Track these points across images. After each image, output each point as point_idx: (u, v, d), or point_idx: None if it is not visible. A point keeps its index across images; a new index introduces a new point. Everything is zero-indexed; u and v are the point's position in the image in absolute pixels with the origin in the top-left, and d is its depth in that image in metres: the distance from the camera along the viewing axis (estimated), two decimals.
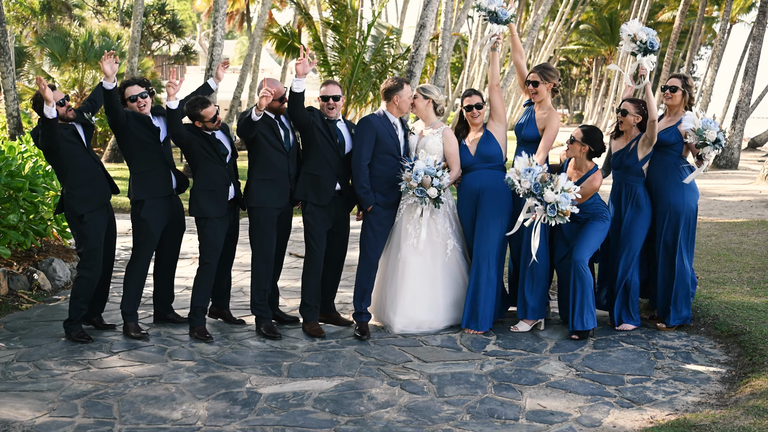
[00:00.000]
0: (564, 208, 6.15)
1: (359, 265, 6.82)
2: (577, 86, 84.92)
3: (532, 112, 6.92)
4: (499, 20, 6.83)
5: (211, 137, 6.49)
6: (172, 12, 44.58)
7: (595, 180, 6.55)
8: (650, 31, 6.54)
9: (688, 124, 6.51)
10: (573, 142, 6.59)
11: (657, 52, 6.58)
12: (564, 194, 6.15)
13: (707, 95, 35.42)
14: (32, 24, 38.40)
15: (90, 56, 24.38)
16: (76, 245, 6.64)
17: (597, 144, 6.56)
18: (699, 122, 6.45)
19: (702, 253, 9.54)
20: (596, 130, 6.61)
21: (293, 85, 6.34)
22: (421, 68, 18.09)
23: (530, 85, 6.86)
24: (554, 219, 6.20)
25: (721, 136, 6.45)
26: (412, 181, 6.49)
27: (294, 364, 5.96)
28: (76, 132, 6.43)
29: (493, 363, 6.03)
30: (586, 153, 6.58)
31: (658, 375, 5.79)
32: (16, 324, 6.99)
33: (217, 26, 18.73)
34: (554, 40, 48.81)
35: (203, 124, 6.46)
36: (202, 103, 6.46)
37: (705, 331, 6.74)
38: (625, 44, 6.61)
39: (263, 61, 44.52)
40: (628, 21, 6.66)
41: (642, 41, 6.49)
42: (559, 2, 52.08)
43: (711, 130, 6.40)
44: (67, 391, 5.40)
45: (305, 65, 6.36)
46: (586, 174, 6.59)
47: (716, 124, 6.48)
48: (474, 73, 41.73)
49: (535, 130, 6.85)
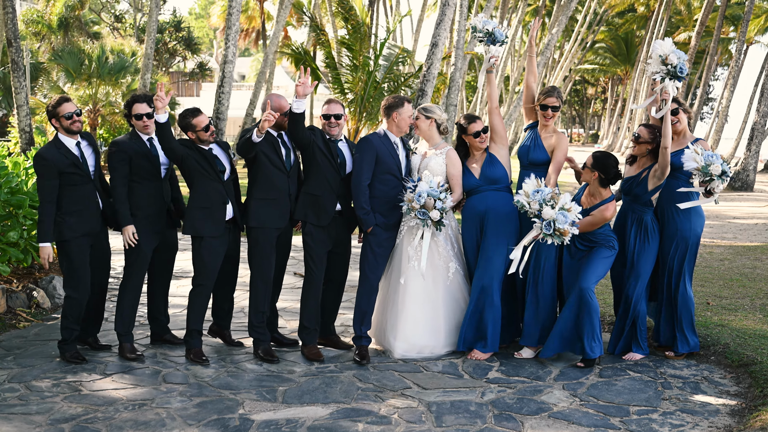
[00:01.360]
0: (561, 227, 5.98)
1: (359, 288, 6.67)
2: (592, 106, 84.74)
3: (538, 135, 6.78)
4: (496, 41, 6.70)
5: (207, 153, 6.36)
6: (188, 29, 44.87)
7: (607, 210, 6.35)
8: (683, 55, 6.27)
9: (690, 164, 6.24)
10: (584, 168, 6.43)
11: (684, 79, 6.35)
12: (562, 212, 5.99)
13: (723, 116, 35.11)
14: (50, 40, 38.76)
15: (104, 72, 24.51)
16: (59, 264, 6.51)
17: (609, 171, 6.34)
18: (701, 159, 6.21)
19: (714, 278, 9.34)
20: (609, 157, 6.41)
21: (293, 106, 6.23)
22: (433, 87, 18.01)
23: (549, 109, 6.73)
24: (551, 237, 6.03)
25: (726, 167, 6.24)
26: (414, 202, 6.34)
27: (290, 389, 5.81)
28: (76, 163, 6.23)
29: (494, 391, 5.86)
30: (597, 180, 6.39)
31: (665, 406, 5.59)
32: (12, 343, 6.88)
33: (230, 43, 18.75)
34: (570, 59, 48.74)
35: (196, 135, 6.32)
36: (192, 112, 6.35)
37: (715, 359, 6.54)
38: (653, 64, 6.33)
39: (277, 79, 44.68)
40: (657, 38, 6.38)
41: (673, 65, 6.26)
42: (574, 22, 52.08)
43: (715, 164, 6.18)
44: (56, 414, 5.28)
45: (306, 87, 6.25)
46: (599, 202, 6.40)
47: (717, 156, 6.24)
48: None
49: (544, 153, 6.71)
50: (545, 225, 6.03)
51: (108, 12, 45.53)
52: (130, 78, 25.95)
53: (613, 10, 54.02)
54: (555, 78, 48.80)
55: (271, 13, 46.01)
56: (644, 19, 55.08)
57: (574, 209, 6.07)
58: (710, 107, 70.47)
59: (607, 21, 57.78)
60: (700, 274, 9.54)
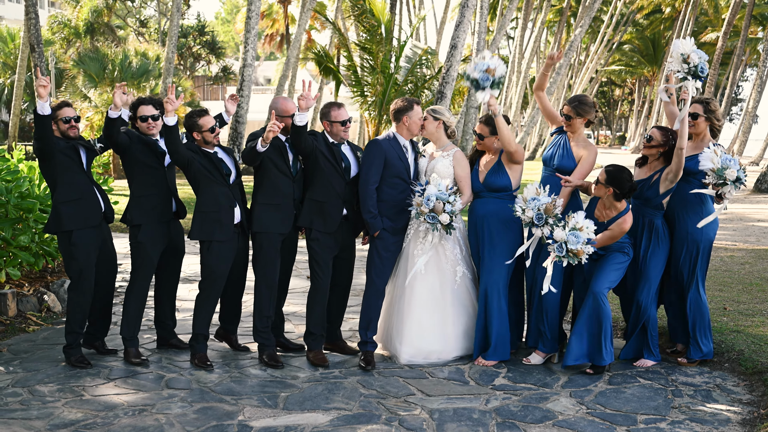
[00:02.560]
0: (574, 248, 5.86)
1: (365, 293, 6.60)
2: (619, 108, 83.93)
3: (567, 142, 6.61)
4: (480, 87, 6.26)
5: (213, 156, 6.32)
6: (212, 33, 45.13)
7: (625, 222, 6.16)
8: (703, 55, 6.10)
9: (706, 164, 6.10)
10: (597, 184, 6.21)
11: (704, 79, 6.21)
12: (573, 233, 5.86)
13: (750, 117, 34.58)
14: (76, 45, 39.17)
15: (127, 77, 24.68)
16: (65, 266, 6.52)
17: (623, 186, 6.10)
18: (718, 161, 6.05)
19: (733, 282, 9.13)
20: (622, 172, 6.13)
21: (296, 119, 6.12)
22: (452, 89, 17.94)
23: (563, 117, 6.60)
24: (564, 259, 5.92)
25: (742, 173, 6.07)
26: (423, 206, 6.25)
27: (291, 396, 5.74)
28: (76, 150, 6.31)
29: (499, 398, 5.74)
30: (612, 195, 6.18)
31: (674, 415, 5.44)
32: (20, 347, 6.90)
33: (248, 47, 18.79)
34: (596, 60, 48.30)
35: (201, 136, 6.29)
36: (199, 112, 6.33)
37: (729, 367, 6.37)
38: (674, 62, 6.15)
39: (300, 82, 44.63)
40: (682, 38, 6.23)
41: (694, 64, 6.09)
42: (600, 23, 51.62)
43: (731, 168, 6.01)
44: (56, 420, 5.26)
45: (309, 100, 6.13)
46: (615, 216, 6.20)
47: (736, 161, 6.07)
48: (513, 95, 41.42)
49: (572, 161, 6.54)
50: (557, 247, 5.93)
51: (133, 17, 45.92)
52: (153, 82, 26.10)
53: (641, 12, 53.49)
54: (581, 79, 48.39)
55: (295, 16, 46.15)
56: (671, 20, 54.49)
57: (586, 228, 5.91)
58: (739, 108, 69.47)
59: (634, 21, 57.20)
60: (719, 278, 9.34)
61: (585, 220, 5.97)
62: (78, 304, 6.30)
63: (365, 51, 20.60)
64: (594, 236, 5.97)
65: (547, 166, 6.71)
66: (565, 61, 29.14)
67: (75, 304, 6.30)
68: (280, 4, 45.66)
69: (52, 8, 51.19)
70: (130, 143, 6.34)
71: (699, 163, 6.20)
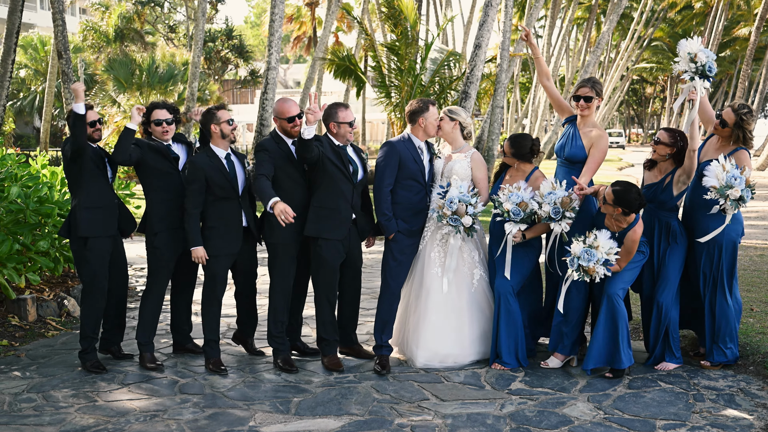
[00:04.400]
0: (585, 265, 5.75)
1: (380, 296, 6.52)
2: (651, 105, 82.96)
3: (576, 130, 6.50)
4: None
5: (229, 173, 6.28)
6: (239, 37, 45.36)
7: (635, 234, 6.00)
8: (711, 54, 5.96)
9: (711, 180, 5.92)
10: (605, 204, 6.01)
11: (713, 79, 6.05)
12: (587, 250, 5.75)
13: None
14: (107, 51, 39.63)
15: (154, 82, 24.90)
16: (77, 270, 6.53)
17: (632, 205, 5.92)
18: (723, 177, 5.87)
19: (762, 282, 8.92)
20: (630, 190, 5.93)
21: (303, 132, 5.95)
22: (477, 89, 17.80)
23: (582, 100, 6.45)
24: (576, 273, 5.84)
25: (747, 193, 5.88)
26: (445, 209, 6.17)
27: (304, 401, 5.68)
28: (103, 159, 6.37)
29: (515, 403, 5.63)
30: (621, 213, 5.99)
31: (695, 420, 5.29)
32: (38, 352, 6.93)
33: (272, 50, 18.82)
34: (626, 58, 47.72)
35: (219, 128, 6.25)
36: (218, 107, 6.39)
37: (754, 370, 6.19)
38: (681, 62, 6.01)
39: (326, 84, 44.69)
40: (689, 38, 6.11)
41: (701, 63, 5.95)
42: (630, 20, 51.02)
43: (735, 187, 5.83)
44: (67, 426, 5.25)
45: (316, 114, 5.91)
46: (627, 228, 6.05)
47: (743, 179, 5.87)
48: (541, 94, 41.08)
49: (582, 150, 6.42)
50: (570, 260, 5.84)
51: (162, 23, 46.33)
52: (181, 86, 26.30)
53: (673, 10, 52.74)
54: (612, 77, 47.83)
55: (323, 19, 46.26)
56: (703, 15, 53.67)
57: (603, 247, 5.81)
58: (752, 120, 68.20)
59: (665, 17, 56.44)
60: (747, 277, 9.13)
61: (608, 241, 5.85)
62: (91, 309, 6.31)
63: (392, 52, 20.52)
64: (614, 258, 5.87)
65: (559, 157, 6.62)
66: (594, 59, 28.79)
67: (88, 309, 6.31)
68: (307, 7, 45.80)
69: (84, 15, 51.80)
70: (142, 153, 6.34)
71: (705, 176, 6.03)
